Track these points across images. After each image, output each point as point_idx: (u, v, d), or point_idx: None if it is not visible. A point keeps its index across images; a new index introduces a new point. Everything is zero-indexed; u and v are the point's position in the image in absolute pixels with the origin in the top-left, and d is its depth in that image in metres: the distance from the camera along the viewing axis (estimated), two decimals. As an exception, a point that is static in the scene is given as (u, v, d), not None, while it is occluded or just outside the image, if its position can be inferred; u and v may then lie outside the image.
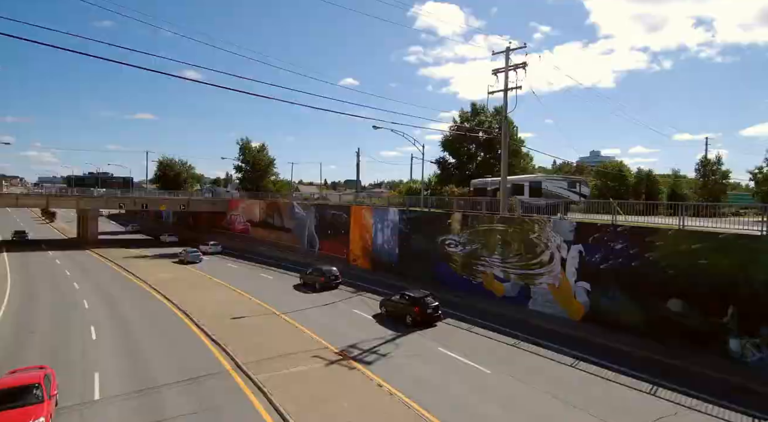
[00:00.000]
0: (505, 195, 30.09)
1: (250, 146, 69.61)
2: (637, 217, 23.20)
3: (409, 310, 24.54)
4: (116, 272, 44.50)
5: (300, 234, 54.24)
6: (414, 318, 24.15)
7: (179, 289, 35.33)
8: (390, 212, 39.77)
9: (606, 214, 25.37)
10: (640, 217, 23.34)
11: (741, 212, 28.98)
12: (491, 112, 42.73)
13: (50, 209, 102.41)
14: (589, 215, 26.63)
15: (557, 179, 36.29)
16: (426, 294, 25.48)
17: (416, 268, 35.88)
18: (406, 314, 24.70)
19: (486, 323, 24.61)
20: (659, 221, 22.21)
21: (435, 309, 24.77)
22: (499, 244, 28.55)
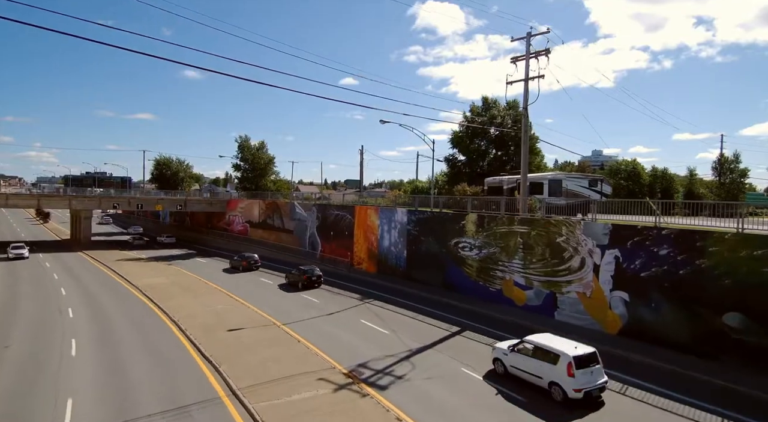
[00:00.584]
0: (525, 194, 27.62)
1: (248, 144, 67.05)
2: (679, 219, 20.72)
3: (300, 278, 34.82)
4: (107, 276, 42.06)
5: (301, 235, 51.78)
6: (303, 284, 34.45)
7: (172, 295, 32.87)
8: (397, 212, 37.31)
9: (632, 214, 23.03)
10: (684, 219, 20.86)
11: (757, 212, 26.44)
12: (503, 106, 40.27)
13: (45, 210, 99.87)
14: (613, 215, 24.27)
15: (578, 176, 33.87)
16: (313, 269, 35.88)
17: (426, 272, 33.42)
18: (298, 282, 34.60)
19: (509, 336, 22.11)
20: (704, 223, 19.74)
21: (318, 278, 35.20)
22: (519, 248, 26.07)
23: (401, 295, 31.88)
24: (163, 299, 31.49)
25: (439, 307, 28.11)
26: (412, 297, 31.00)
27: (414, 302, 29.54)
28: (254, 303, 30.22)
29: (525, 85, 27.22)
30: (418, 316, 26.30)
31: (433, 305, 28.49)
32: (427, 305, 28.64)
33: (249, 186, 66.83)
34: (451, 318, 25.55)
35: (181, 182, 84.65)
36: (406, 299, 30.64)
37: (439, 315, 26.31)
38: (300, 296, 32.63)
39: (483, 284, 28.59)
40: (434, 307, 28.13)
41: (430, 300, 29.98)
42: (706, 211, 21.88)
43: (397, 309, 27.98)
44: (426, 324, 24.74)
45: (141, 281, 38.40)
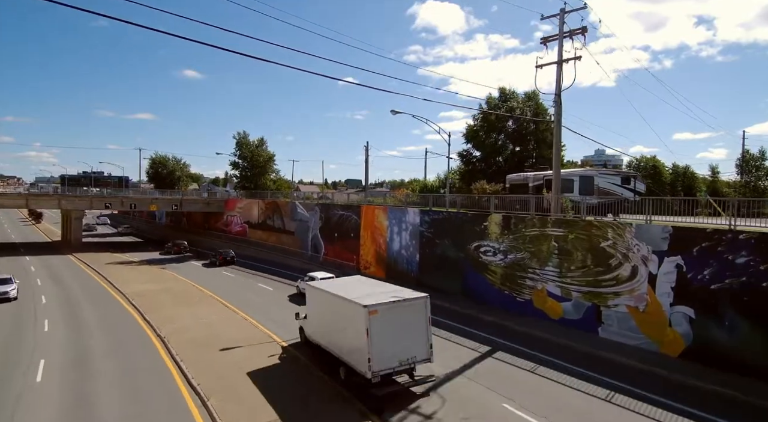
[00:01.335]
0: (558, 192, 24.41)
1: (247, 141, 63.70)
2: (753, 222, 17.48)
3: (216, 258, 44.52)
4: (94, 281, 38.92)
5: (303, 237, 48.58)
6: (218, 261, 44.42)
7: (161, 305, 29.69)
8: (409, 212, 34.11)
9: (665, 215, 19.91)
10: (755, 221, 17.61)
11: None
12: (522, 98, 37.10)
13: (37, 210, 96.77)
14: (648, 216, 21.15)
15: (610, 173, 30.69)
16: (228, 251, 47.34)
17: (441, 278, 30.22)
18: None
19: (549, 359, 18.91)
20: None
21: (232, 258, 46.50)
22: (554, 253, 22.86)
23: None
24: (152, 309, 28.32)
25: (460, 319, 24.91)
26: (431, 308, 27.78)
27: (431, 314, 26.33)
28: (252, 314, 27.07)
29: (558, 69, 24.01)
30: (438, 331, 23.00)
31: (452, 317, 25.29)
32: (445, 317, 25.42)
33: (248, 185, 63.57)
34: (477, 334, 22.33)
35: (178, 181, 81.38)
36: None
37: (461, 330, 23.10)
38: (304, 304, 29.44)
39: (509, 294, 25.39)
40: (454, 319, 24.92)
41: (448, 311, 26.76)
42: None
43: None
44: (449, 341, 21.53)
45: (130, 287, 35.27)
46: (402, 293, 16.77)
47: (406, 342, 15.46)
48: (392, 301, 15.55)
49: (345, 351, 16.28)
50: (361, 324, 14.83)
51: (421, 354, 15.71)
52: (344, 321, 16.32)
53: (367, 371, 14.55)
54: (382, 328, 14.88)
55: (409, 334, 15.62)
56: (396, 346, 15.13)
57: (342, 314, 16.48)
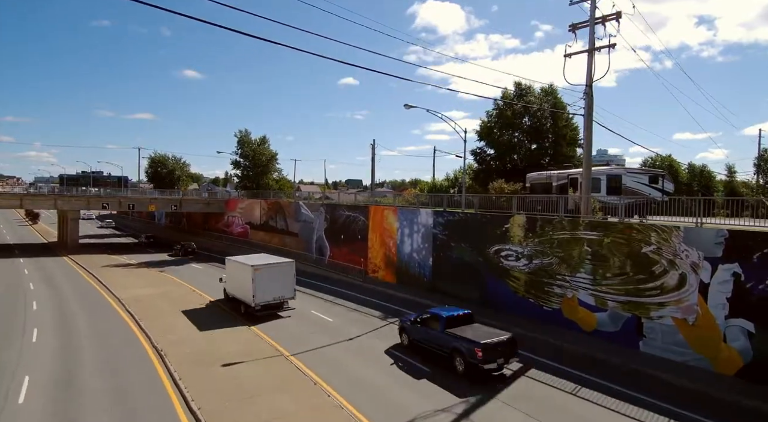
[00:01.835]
0: (588, 192, 22.55)
1: (249, 139, 61.73)
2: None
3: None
4: (89, 285, 37.05)
5: (307, 239, 46.72)
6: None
7: (159, 312, 27.83)
8: (421, 213, 32.25)
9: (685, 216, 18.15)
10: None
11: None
12: (538, 93, 35.21)
13: (34, 211, 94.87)
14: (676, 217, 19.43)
15: (637, 172, 28.82)
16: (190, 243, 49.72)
17: (458, 284, 28.38)
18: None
19: (587, 376, 17.05)
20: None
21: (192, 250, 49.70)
22: (587, 258, 20.99)
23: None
24: (149, 317, 26.47)
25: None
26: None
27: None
28: (257, 324, 25.20)
29: (589, 58, 22.18)
30: None
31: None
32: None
33: (249, 185, 61.64)
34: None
35: (178, 180, 79.42)
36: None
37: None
38: (308, 311, 27.61)
39: (534, 302, 23.53)
40: (475, 329, 23.07)
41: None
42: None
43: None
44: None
45: (126, 292, 33.41)
46: (279, 260, 27.70)
47: (278, 287, 25.90)
48: (269, 263, 26.29)
49: (244, 295, 26.06)
50: (250, 277, 25.10)
51: (288, 294, 26.62)
52: (243, 277, 26.15)
53: (252, 303, 25.11)
54: (262, 279, 25.10)
55: (280, 283, 25.94)
56: (271, 289, 25.56)
57: (242, 273, 26.30)
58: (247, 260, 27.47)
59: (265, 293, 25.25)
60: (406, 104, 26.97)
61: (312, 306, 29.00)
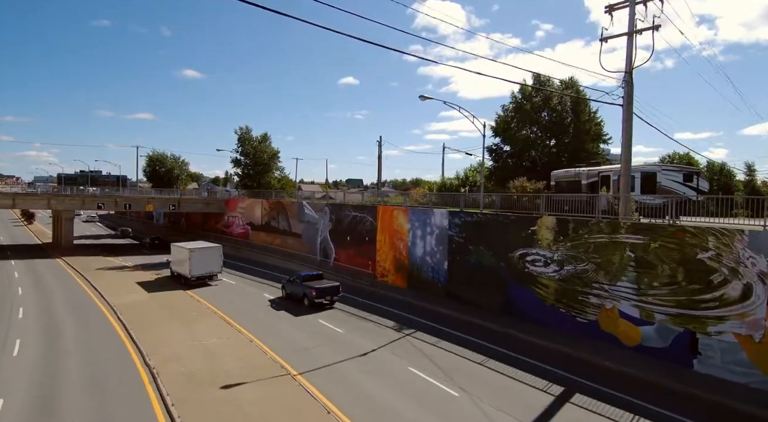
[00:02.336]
0: (628, 190, 20.36)
1: (249, 136, 59.49)
2: None
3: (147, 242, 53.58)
4: (81, 290, 34.87)
5: (311, 240, 44.51)
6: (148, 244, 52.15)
7: (153, 321, 25.68)
8: (435, 214, 30.06)
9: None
10: None
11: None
12: (557, 85, 32.97)
13: (30, 210, 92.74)
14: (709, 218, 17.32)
15: (672, 169, 26.64)
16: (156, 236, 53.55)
17: (477, 291, 26.22)
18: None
19: (638, 402, 14.86)
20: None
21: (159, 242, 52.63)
22: (630, 265, 18.79)
23: (448, 322, 24.66)
24: (141, 327, 24.31)
25: (508, 344, 20.88)
26: (464, 326, 23.80)
27: (469, 335, 22.35)
28: (258, 333, 23.05)
29: (629, 42, 20.00)
30: (486, 361, 19.06)
31: (497, 341, 21.28)
32: (489, 340, 21.45)
33: (250, 184, 59.42)
34: (538, 366, 18.26)
35: (176, 179, 77.19)
36: (457, 328, 23.41)
37: (514, 359, 19.08)
38: (316, 321, 25.46)
39: (565, 312, 21.33)
40: (501, 343, 20.90)
41: (489, 332, 22.79)
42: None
43: (451, 347, 20.72)
44: (505, 376, 17.52)
45: (119, 298, 31.25)
46: (210, 245, 36.88)
47: (209, 264, 34.95)
48: (202, 247, 35.48)
49: (183, 270, 34.77)
50: (187, 256, 34.04)
51: (216, 269, 35.76)
52: (183, 257, 34.88)
53: (189, 275, 33.95)
54: (196, 258, 34.07)
55: (210, 261, 35.12)
56: (203, 265, 34.54)
57: (183, 254, 35.07)
58: (186, 245, 36.58)
59: (198, 269, 34.64)
60: (421, 96, 24.82)
61: (319, 315, 26.82)
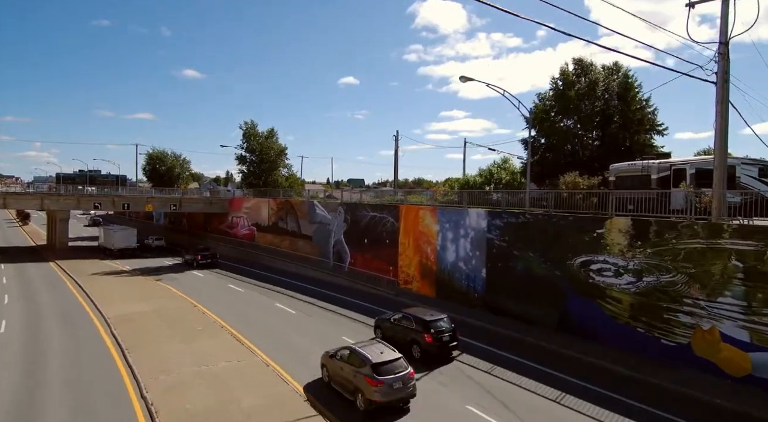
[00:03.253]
0: (724, 186, 16.94)
1: (255, 132, 55.99)
2: None
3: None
4: (73, 298, 31.61)
5: (323, 243, 41.12)
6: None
7: (152, 337, 22.32)
8: (470, 214, 26.65)
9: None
10: None
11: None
12: (599, 69, 29.47)
13: (25, 211, 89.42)
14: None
15: (749, 162, 23.20)
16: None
17: (524, 303, 22.82)
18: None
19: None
20: None
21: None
22: (737, 277, 15.36)
23: (493, 340, 21.25)
24: (138, 345, 20.95)
25: (577, 371, 17.43)
26: (514, 345, 20.38)
27: (522, 356, 18.96)
28: (275, 355, 19.67)
29: (723, 6, 16.56)
30: (563, 397, 15.57)
31: (562, 366, 17.83)
32: (551, 364, 18.02)
33: (256, 182, 55.95)
34: (633, 406, 14.69)
35: (177, 178, 73.70)
36: (507, 348, 19.99)
37: (596, 394, 15.59)
38: (342, 339, 22.03)
39: (644, 332, 17.90)
40: (568, 370, 17.44)
41: (546, 353, 19.37)
42: None
43: (509, 375, 17.25)
44: (582, 414, 14.08)
45: (114, 309, 27.91)
46: (127, 227, 56.03)
47: (127, 241, 50.68)
48: (121, 228, 54.25)
49: (110, 245, 50.85)
50: (111, 234, 51.93)
51: (132, 245, 50.93)
52: (109, 235, 52.47)
53: (113, 249, 50.13)
54: (118, 236, 50.99)
55: (128, 239, 51.06)
56: (124, 241, 50.51)
57: (108, 234, 52.98)
58: (111, 227, 55.26)
59: (120, 244, 50.11)
60: (462, 76, 21.39)
61: (342, 331, 23.40)
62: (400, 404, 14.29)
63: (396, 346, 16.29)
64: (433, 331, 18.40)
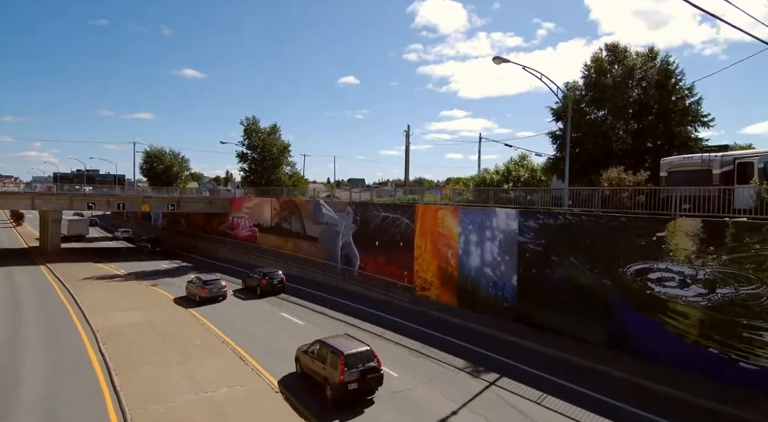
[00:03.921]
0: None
1: (257, 128, 53.26)
2: None
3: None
4: (61, 306, 29.07)
5: (330, 245, 38.52)
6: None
7: (142, 354, 19.73)
8: (498, 215, 24.01)
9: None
10: None
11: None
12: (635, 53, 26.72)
13: (19, 211, 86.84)
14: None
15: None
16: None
17: (564, 314, 20.20)
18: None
19: None
20: None
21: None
22: None
23: (532, 359, 18.59)
24: (128, 366, 18.38)
25: (646, 401, 14.75)
26: (557, 366, 17.71)
27: (573, 380, 16.28)
28: (287, 379, 17.02)
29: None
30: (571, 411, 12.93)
31: (626, 396, 15.13)
32: (609, 392, 15.34)
33: (258, 181, 53.26)
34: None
35: (176, 177, 70.93)
36: (551, 371, 17.32)
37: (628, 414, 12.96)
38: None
39: (719, 354, 15.25)
40: (636, 402, 14.71)
41: (596, 374, 16.73)
42: None
43: (565, 408, 14.55)
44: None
45: (104, 319, 25.36)
46: (82, 218, 75.24)
47: (80, 229, 68.25)
48: (76, 219, 71.01)
49: (67, 231, 63.52)
50: (66, 223, 63.64)
51: (85, 233, 68.81)
52: (65, 223, 62.18)
53: (67, 234, 62.96)
54: (72, 225, 67.01)
55: (81, 227, 69.09)
56: (76, 230, 67.12)
57: (64, 222, 61.66)
58: (69, 217, 65.90)
59: (73, 231, 64.85)
60: (495, 57, 18.74)
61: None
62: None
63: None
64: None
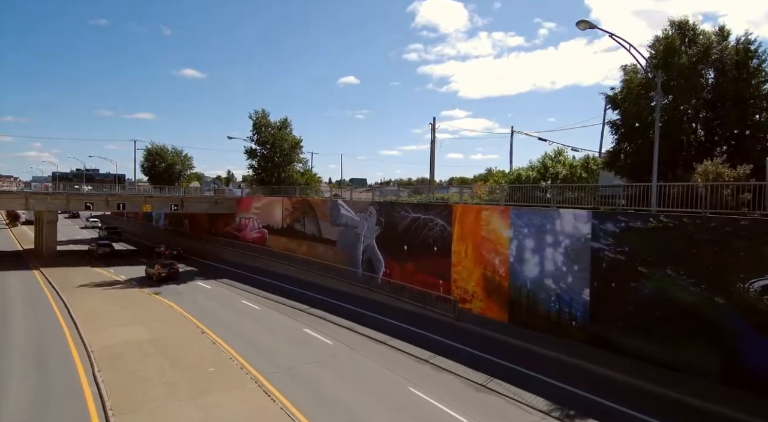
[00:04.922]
0: None
1: (267, 122, 49.71)
2: None
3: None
4: (53, 318, 25.70)
5: (349, 249, 35.04)
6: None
7: (148, 384, 16.20)
8: (563, 216, 20.49)
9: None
10: None
11: None
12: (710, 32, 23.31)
13: (15, 211, 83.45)
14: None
15: None
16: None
17: (659, 340, 16.68)
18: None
19: None
20: None
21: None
22: None
23: (618, 397, 15.05)
24: (129, 402, 14.89)
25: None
26: (664, 409, 14.18)
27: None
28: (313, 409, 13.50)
29: None
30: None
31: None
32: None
33: (268, 179, 49.72)
34: None
35: (178, 176, 67.48)
36: (652, 413, 13.80)
37: None
38: (408, 390, 15.84)
39: None
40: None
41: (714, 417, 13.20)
42: None
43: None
44: None
45: (101, 336, 21.97)
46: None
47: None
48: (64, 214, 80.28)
49: None
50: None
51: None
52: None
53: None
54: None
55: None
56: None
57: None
58: None
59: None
60: (581, 21, 15.24)
61: (408, 376, 17.20)
62: None
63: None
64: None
